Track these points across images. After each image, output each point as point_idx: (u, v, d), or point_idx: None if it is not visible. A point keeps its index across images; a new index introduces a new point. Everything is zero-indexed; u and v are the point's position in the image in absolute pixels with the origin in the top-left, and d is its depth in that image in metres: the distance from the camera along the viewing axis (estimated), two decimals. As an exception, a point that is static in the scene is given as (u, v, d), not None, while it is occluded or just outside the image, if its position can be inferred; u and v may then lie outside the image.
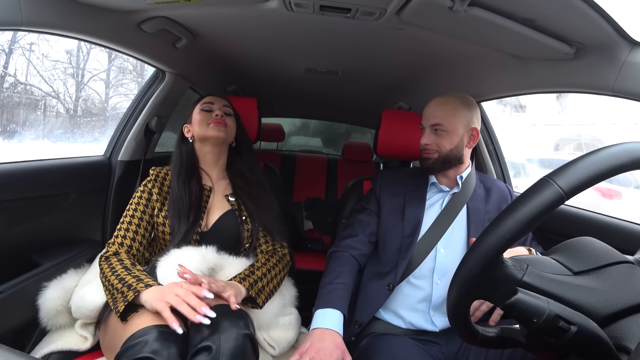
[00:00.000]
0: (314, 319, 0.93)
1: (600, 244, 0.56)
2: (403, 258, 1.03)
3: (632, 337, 0.46)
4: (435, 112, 1.08)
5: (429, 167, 1.10)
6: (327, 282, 1.01)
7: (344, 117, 3.07)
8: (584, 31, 0.85)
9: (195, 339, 0.77)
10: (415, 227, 1.06)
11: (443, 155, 1.08)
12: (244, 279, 0.96)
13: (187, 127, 1.18)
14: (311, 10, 0.98)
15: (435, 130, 1.08)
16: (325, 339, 0.86)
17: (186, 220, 1.03)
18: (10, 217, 1.04)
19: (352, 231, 1.13)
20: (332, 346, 0.84)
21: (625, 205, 4.30)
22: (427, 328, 1.01)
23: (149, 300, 0.81)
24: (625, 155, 0.44)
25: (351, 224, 1.16)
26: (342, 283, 1.00)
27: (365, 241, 1.11)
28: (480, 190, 1.13)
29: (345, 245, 1.10)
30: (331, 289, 0.98)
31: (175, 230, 1.02)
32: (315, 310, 0.95)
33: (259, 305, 0.96)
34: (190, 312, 0.76)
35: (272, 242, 1.13)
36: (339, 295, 0.97)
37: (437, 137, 1.08)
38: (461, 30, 0.98)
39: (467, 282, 0.47)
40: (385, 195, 1.15)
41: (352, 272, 1.05)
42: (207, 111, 1.15)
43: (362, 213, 1.16)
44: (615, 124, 6.42)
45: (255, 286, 0.96)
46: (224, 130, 1.13)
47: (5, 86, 2.13)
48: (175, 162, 1.15)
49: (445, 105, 1.08)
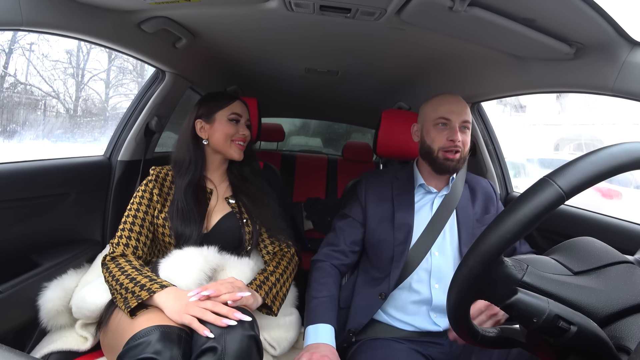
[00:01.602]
0: (306, 335, 0.95)
1: (600, 244, 0.56)
2: (396, 267, 1.02)
3: (632, 337, 0.46)
4: (465, 108, 1.04)
5: (454, 167, 1.04)
6: (313, 296, 1.02)
7: (344, 117, 3.07)
8: (584, 31, 0.85)
9: (200, 339, 0.77)
10: (407, 234, 1.04)
11: (464, 154, 1.05)
12: (260, 286, 0.96)
13: (200, 123, 1.11)
14: (311, 10, 0.98)
15: (463, 128, 1.04)
16: (319, 347, 0.90)
17: (193, 227, 1.03)
18: (10, 217, 1.04)
19: (335, 240, 1.12)
20: (327, 351, 0.88)
21: (625, 205, 4.29)
22: (430, 329, 1.01)
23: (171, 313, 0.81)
24: (625, 155, 0.44)
25: (334, 230, 1.14)
26: (327, 295, 1.01)
27: (346, 251, 1.10)
28: (466, 191, 1.11)
29: (325, 255, 1.11)
30: (318, 303, 1.00)
31: (179, 235, 1.02)
32: (306, 326, 0.96)
33: (274, 313, 0.96)
34: (216, 319, 0.78)
35: (278, 242, 1.13)
36: (327, 309, 0.98)
37: (464, 135, 1.04)
38: (461, 30, 0.98)
39: (467, 282, 0.47)
40: (371, 202, 1.11)
41: (336, 282, 1.06)
42: (236, 122, 1.11)
43: (345, 221, 1.13)
44: (615, 124, 6.41)
45: (271, 293, 0.97)
46: (242, 153, 1.12)
47: (5, 86, 2.13)
48: (184, 165, 1.09)
49: (465, 103, 1.06)
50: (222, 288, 0.85)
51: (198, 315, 0.79)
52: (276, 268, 1.04)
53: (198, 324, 0.78)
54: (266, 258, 1.14)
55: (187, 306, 0.81)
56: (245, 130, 1.12)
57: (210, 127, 1.11)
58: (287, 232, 1.15)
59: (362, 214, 1.12)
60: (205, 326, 0.78)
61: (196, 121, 1.12)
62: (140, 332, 0.75)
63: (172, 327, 0.78)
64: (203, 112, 1.12)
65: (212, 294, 0.83)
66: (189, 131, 1.12)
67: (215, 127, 1.10)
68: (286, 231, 1.15)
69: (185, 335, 0.79)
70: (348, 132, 4.06)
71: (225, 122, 1.10)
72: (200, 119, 1.12)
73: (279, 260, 1.08)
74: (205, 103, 1.13)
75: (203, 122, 1.11)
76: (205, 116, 1.11)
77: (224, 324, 0.77)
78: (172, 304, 0.82)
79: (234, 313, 0.79)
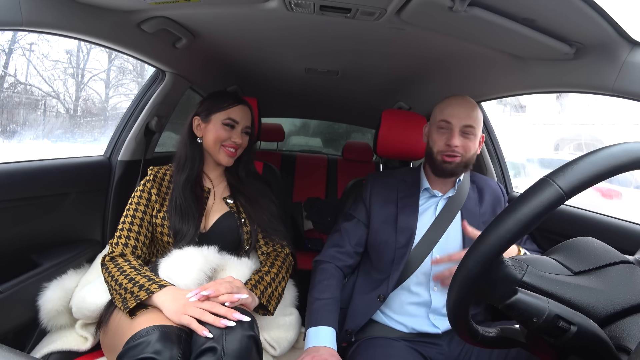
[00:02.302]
0: (307, 337, 0.95)
1: (600, 244, 0.56)
2: (396, 269, 1.02)
3: (632, 337, 0.46)
4: (470, 112, 1.01)
5: (452, 171, 1.02)
6: (316, 297, 1.02)
7: (344, 117, 3.07)
8: (584, 31, 0.85)
9: (200, 339, 0.77)
10: (409, 237, 1.04)
11: (466, 160, 1.02)
12: (255, 286, 0.96)
13: (197, 120, 1.10)
14: (311, 10, 0.98)
15: (465, 133, 1.01)
16: (320, 350, 0.90)
17: (190, 223, 1.03)
18: (10, 217, 1.04)
19: (339, 240, 1.12)
20: (327, 354, 0.88)
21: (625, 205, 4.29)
22: (428, 331, 1.01)
23: (169, 313, 0.81)
24: (625, 155, 0.44)
25: (339, 230, 1.14)
26: (330, 298, 1.01)
27: (351, 252, 1.10)
28: (473, 192, 1.10)
29: (330, 256, 1.10)
30: (321, 305, 0.99)
31: (177, 232, 1.02)
32: (308, 328, 0.96)
33: (270, 312, 0.96)
34: (215, 320, 0.78)
35: (272, 242, 1.13)
36: (329, 311, 0.98)
37: (465, 140, 1.01)
38: (461, 30, 0.98)
39: (467, 282, 0.47)
40: (375, 204, 1.11)
41: (339, 283, 1.06)
42: (230, 127, 1.09)
43: (350, 222, 1.13)
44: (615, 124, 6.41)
45: (266, 293, 0.97)
46: (233, 160, 1.11)
47: (5, 86, 2.13)
48: (181, 162, 1.10)
49: (473, 106, 1.02)
50: (221, 288, 0.84)
51: (197, 315, 0.79)
52: (271, 268, 1.04)
53: (197, 324, 0.78)
54: (261, 259, 1.14)
55: (185, 306, 0.81)
56: (238, 138, 1.09)
57: (206, 127, 1.10)
58: (282, 234, 1.15)
59: (366, 215, 1.12)
60: (205, 326, 0.78)
61: (194, 118, 1.11)
62: (139, 332, 0.75)
63: (171, 327, 0.78)
64: (202, 110, 1.11)
65: (211, 294, 0.82)
66: (187, 127, 1.12)
67: (209, 128, 1.09)
68: (282, 232, 1.15)
69: (184, 335, 0.79)
70: (348, 132, 4.06)
71: (219, 126, 1.08)
72: (199, 116, 1.11)
73: (273, 260, 1.08)
74: (206, 101, 1.12)
75: (200, 120, 1.11)
76: (203, 115, 1.11)
77: (223, 324, 0.77)
78: (170, 304, 0.82)
79: (233, 314, 0.79)
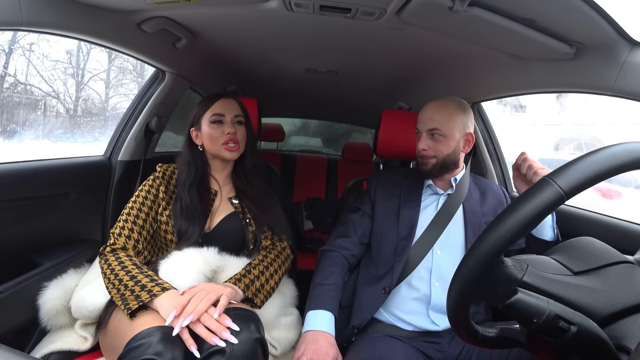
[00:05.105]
0: (306, 320, 0.96)
1: (600, 244, 0.56)
2: (399, 261, 1.03)
3: (632, 337, 0.46)
4: (433, 116, 1.06)
5: (427, 173, 1.09)
6: (318, 282, 1.04)
7: (344, 117, 3.07)
8: (584, 31, 0.85)
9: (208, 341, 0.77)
10: (411, 229, 1.06)
11: (441, 161, 1.07)
12: (239, 279, 0.94)
13: (195, 132, 1.11)
14: (311, 11, 0.98)
15: (433, 135, 1.06)
16: (318, 339, 0.90)
17: (196, 224, 1.02)
18: (10, 217, 1.04)
19: (345, 231, 1.14)
20: (327, 346, 0.89)
21: (625, 205, 4.30)
22: (429, 328, 1.01)
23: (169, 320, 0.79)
24: (625, 155, 0.44)
25: (344, 223, 1.17)
26: (332, 284, 1.03)
27: (356, 242, 1.13)
28: (475, 193, 1.13)
29: (337, 245, 1.12)
30: (322, 290, 1.01)
31: (182, 233, 1.02)
32: (307, 311, 0.97)
33: (257, 306, 0.95)
34: (207, 335, 0.77)
35: (271, 236, 1.13)
36: (330, 297, 1.00)
37: (434, 142, 1.06)
38: (461, 31, 0.98)
39: (467, 282, 0.47)
40: (379, 197, 1.15)
41: (342, 272, 1.08)
42: (218, 123, 1.08)
43: (356, 213, 1.17)
44: (615, 124, 6.41)
45: (252, 286, 0.95)
46: (238, 151, 1.10)
47: (5, 86, 2.13)
48: (183, 168, 1.10)
49: (443, 109, 1.07)
50: (201, 306, 0.80)
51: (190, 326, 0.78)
52: (261, 261, 1.03)
53: (187, 335, 0.77)
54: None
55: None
56: (230, 128, 1.07)
57: (200, 132, 1.11)
58: (288, 234, 1.16)
59: (371, 207, 1.16)
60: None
61: (191, 130, 1.13)
62: (141, 333, 0.75)
63: (173, 328, 0.78)
64: (194, 120, 1.12)
65: (193, 319, 0.78)
66: (186, 139, 1.14)
67: (203, 131, 1.10)
68: (288, 233, 1.16)
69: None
70: (348, 132, 4.06)
71: (209, 125, 1.08)
72: (193, 127, 1.13)
73: (266, 253, 1.07)
74: (195, 110, 1.14)
75: (195, 130, 1.12)
76: (195, 124, 1.12)
77: (214, 342, 0.75)
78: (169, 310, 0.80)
79: (222, 332, 0.77)
